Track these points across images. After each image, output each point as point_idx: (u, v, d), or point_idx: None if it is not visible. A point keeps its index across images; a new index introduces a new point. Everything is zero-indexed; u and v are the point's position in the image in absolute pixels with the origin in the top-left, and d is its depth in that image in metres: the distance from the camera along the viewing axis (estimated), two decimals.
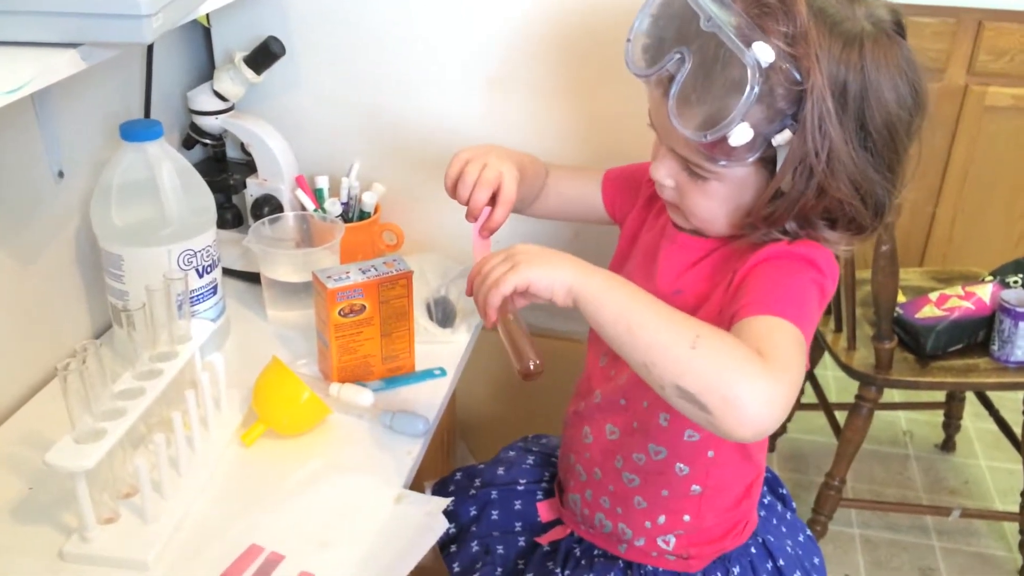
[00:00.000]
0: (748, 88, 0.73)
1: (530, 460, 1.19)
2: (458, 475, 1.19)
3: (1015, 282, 1.76)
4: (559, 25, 1.28)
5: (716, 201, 0.86)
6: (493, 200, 0.97)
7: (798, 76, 0.75)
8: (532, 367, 0.79)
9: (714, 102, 0.77)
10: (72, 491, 0.85)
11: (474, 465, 1.20)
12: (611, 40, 1.23)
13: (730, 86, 0.75)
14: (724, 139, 0.77)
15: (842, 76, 0.76)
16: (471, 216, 0.97)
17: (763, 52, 0.74)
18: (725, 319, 0.82)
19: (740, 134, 0.76)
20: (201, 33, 1.41)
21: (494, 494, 1.14)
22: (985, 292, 1.74)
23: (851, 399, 1.78)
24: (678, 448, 0.95)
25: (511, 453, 1.21)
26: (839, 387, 2.38)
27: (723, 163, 0.81)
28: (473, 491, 1.15)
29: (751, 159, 0.80)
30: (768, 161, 0.80)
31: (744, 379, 0.70)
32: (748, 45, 0.74)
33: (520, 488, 1.15)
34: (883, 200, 0.83)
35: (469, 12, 1.30)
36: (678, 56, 0.79)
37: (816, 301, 0.83)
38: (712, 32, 0.76)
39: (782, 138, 0.78)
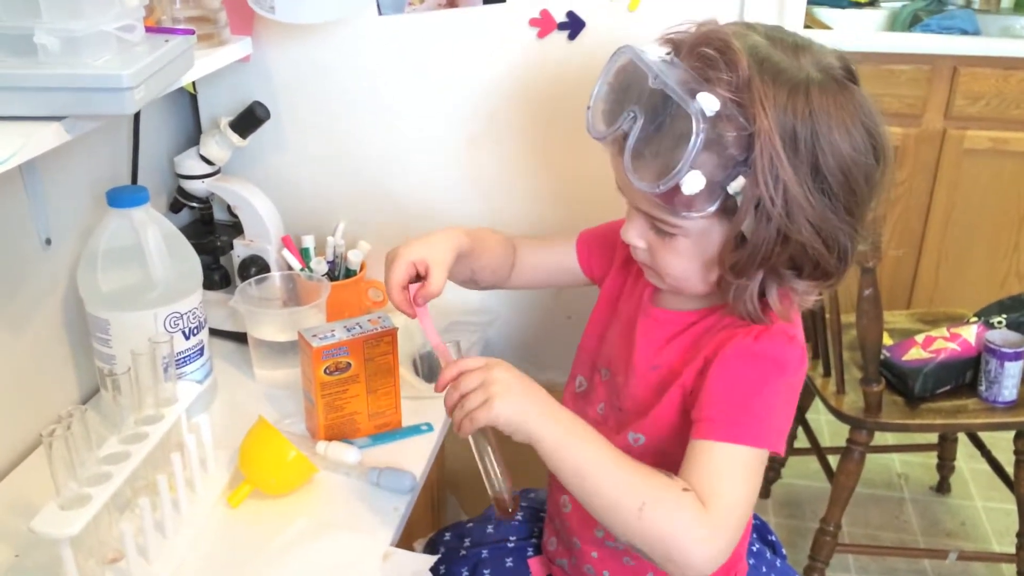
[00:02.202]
0: (694, 136, 0.76)
1: (519, 516, 1.19)
2: (447, 535, 1.18)
3: (999, 323, 1.78)
4: (531, 91, 1.32)
5: (685, 257, 0.87)
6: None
7: (745, 122, 0.77)
8: (509, 508, 0.89)
9: (665, 153, 0.79)
10: (58, 557, 0.84)
11: (462, 523, 1.20)
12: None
13: (679, 137, 0.77)
14: (678, 189, 0.78)
15: (790, 122, 0.78)
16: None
17: (707, 101, 0.76)
18: (690, 402, 0.87)
19: (692, 182, 0.78)
20: (187, 99, 1.44)
21: (484, 553, 1.13)
22: (970, 333, 1.75)
23: (844, 443, 1.78)
24: None
25: None
26: (832, 431, 2.38)
27: (685, 214, 0.82)
28: (463, 551, 1.14)
29: (711, 209, 0.81)
30: (730, 212, 0.82)
31: (686, 543, 0.78)
32: (693, 96, 0.77)
33: (510, 545, 1.14)
34: (846, 245, 0.83)
35: (445, 77, 1.34)
36: (631, 115, 0.82)
37: (787, 404, 0.86)
38: (660, 88, 0.79)
39: (737, 185, 0.79)
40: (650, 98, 0.80)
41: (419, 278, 0.96)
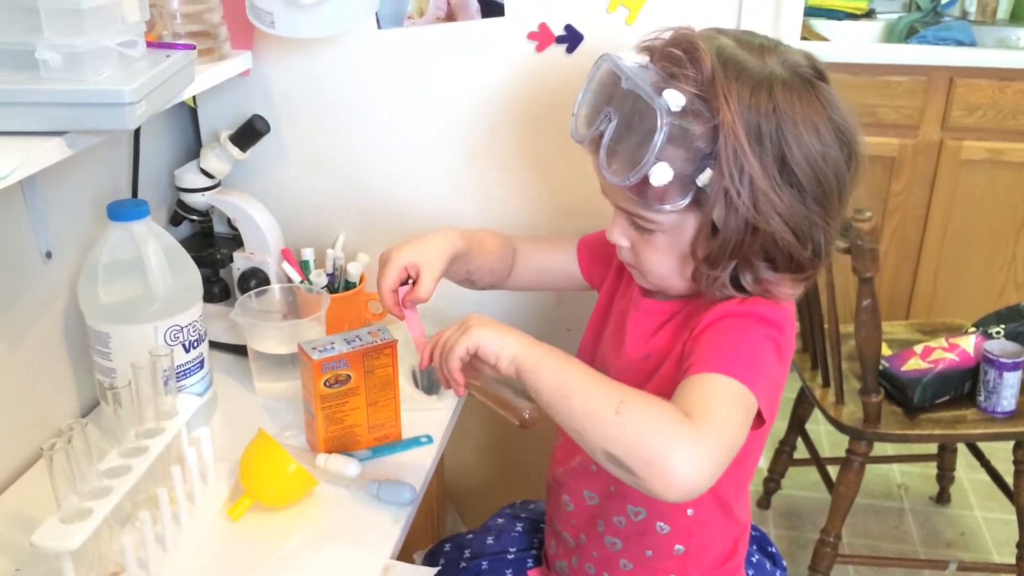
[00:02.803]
0: (658, 130, 0.79)
1: (518, 528, 1.19)
2: (447, 546, 1.18)
3: (997, 333, 1.78)
4: (529, 104, 1.32)
5: (664, 253, 0.91)
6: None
7: (709, 115, 0.81)
8: (527, 415, 0.85)
9: (635, 149, 0.83)
10: (59, 571, 0.85)
11: (462, 535, 1.20)
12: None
13: (646, 131, 0.81)
14: (647, 181, 0.82)
15: (754, 117, 0.81)
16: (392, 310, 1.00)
17: (672, 97, 0.80)
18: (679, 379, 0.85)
19: (659, 173, 0.81)
20: (187, 113, 1.45)
21: (484, 564, 1.13)
22: (968, 344, 1.75)
23: (843, 453, 1.78)
24: (657, 507, 0.96)
25: (499, 520, 1.21)
26: (831, 441, 2.38)
27: (658, 207, 0.85)
28: (463, 563, 1.14)
29: (683, 202, 0.84)
30: (702, 205, 0.84)
31: (666, 442, 0.73)
32: (659, 93, 0.81)
33: (510, 557, 1.14)
34: (819, 238, 0.85)
35: (444, 91, 1.34)
36: (606, 116, 0.87)
37: (772, 355, 0.85)
38: (631, 89, 0.83)
39: (705, 177, 0.82)
40: (624, 99, 0.85)
41: (411, 281, 0.98)
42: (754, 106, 0.81)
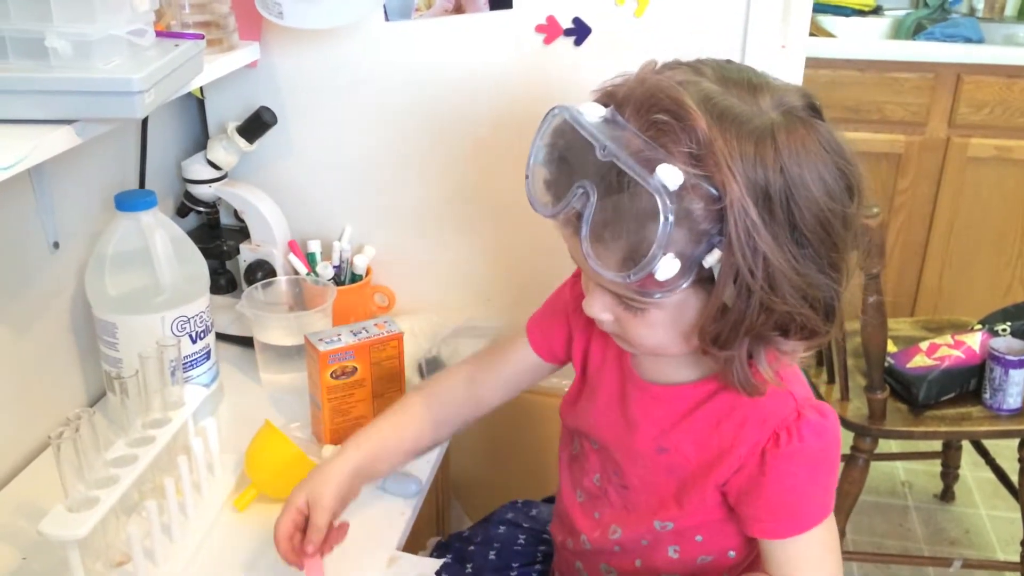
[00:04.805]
0: (662, 217, 0.66)
1: (521, 539, 1.14)
2: (449, 557, 1.14)
3: (1004, 330, 1.77)
4: (537, 96, 1.32)
5: (659, 328, 0.79)
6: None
7: (714, 192, 0.68)
8: None
9: (629, 237, 0.70)
10: (65, 560, 0.85)
11: (463, 546, 1.14)
12: None
13: (642, 217, 0.68)
14: (651, 275, 0.70)
15: (761, 179, 0.69)
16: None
17: (668, 175, 0.67)
18: (732, 495, 0.86)
19: (666, 267, 0.69)
20: (195, 104, 1.45)
21: None
22: (975, 341, 1.75)
23: (848, 450, 1.78)
24: (693, 573, 0.94)
25: (501, 529, 1.15)
26: None
27: (658, 295, 0.73)
28: None
29: (685, 285, 0.72)
30: (706, 281, 0.73)
31: None
32: (651, 170, 0.67)
33: (514, 574, 1.11)
34: (831, 301, 0.76)
35: (452, 83, 1.34)
36: (581, 191, 0.72)
37: (836, 472, 0.87)
38: (611, 160, 0.69)
39: (712, 258, 0.70)
40: (601, 171, 0.70)
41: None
42: (759, 165, 0.69)
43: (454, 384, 1.05)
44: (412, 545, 1.07)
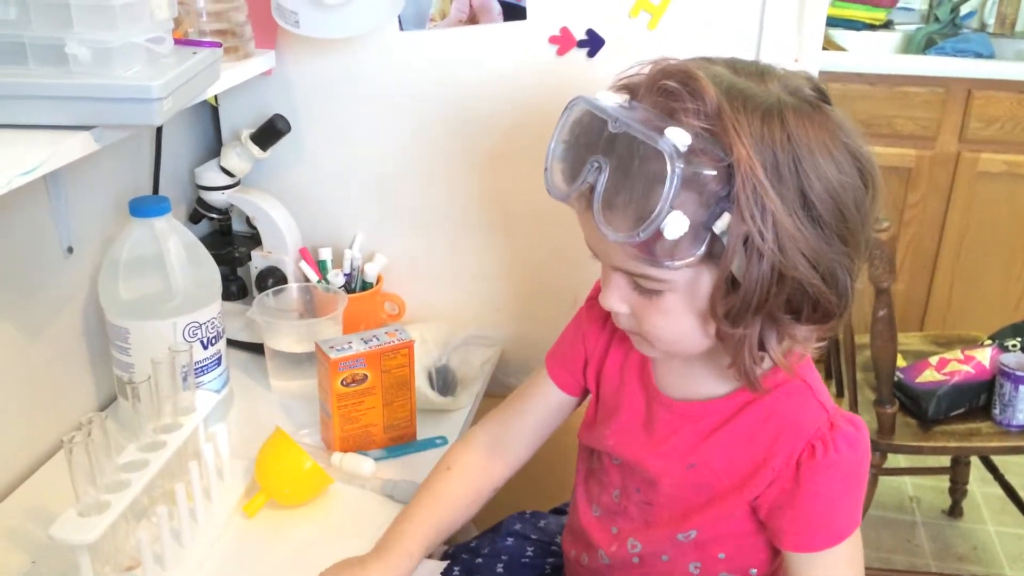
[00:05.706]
0: (670, 173, 0.69)
1: (529, 551, 1.13)
2: (456, 570, 1.13)
3: (1014, 346, 1.77)
4: (550, 107, 1.31)
5: (674, 315, 0.80)
6: None
7: (721, 153, 0.71)
8: None
9: (639, 199, 0.72)
10: (75, 564, 0.85)
11: (470, 558, 1.13)
12: None
13: (652, 178, 0.70)
14: (660, 235, 0.71)
15: (769, 149, 0.71)
16: None
17: (677, 135, 0.70)
18: (763, 508, 0.86)
19: (675, 224, 0.70)
20: (209, 112, 1.46)
21: None
22: (984, 356, 1.75)
23: None
24: None
25: (509, 541, 1.14)
26: None
27: (668, 264, 0.74)
28: None
29: (697, 253, 0.73)
30: (717, 255, 0.74)
31: None
32: (661, 133, 0.70)
33: None
34: (844, 279, 0.76)
35: (465, 93, 1.34)
36: (595, 165, 0.75)
37: (865, 484, 0.88)
38: (623, 131, 0.72)
39: (722, 223, 0.72)
40: (613, 144, 0.74)
41: None
42: (767, 137, 0.71)
43: (476, 459, 1.04)
44: None
